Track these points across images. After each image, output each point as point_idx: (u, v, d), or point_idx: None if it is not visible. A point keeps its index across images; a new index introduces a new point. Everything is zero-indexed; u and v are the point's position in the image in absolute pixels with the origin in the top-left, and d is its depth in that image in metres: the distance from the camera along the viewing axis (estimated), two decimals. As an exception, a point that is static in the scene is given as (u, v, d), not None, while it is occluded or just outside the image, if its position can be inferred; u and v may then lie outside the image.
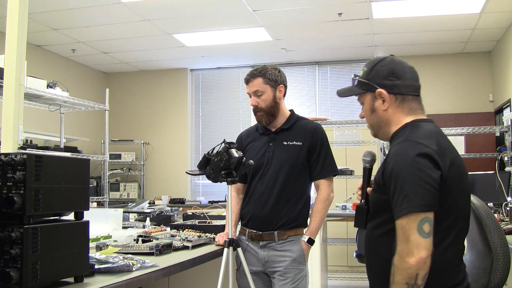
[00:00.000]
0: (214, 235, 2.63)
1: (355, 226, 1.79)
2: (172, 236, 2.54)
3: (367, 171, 1.80)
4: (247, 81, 2.61)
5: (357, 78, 1.72)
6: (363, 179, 1.80)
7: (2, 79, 2.62)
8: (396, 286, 1.43)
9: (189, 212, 3.58)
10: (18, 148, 2.54)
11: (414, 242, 1.39)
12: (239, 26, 6.01)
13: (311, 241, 2.55)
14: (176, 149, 7.93)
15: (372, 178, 1.78)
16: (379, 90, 1.63)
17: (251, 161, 2.42)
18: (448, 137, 5.62)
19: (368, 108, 1.69)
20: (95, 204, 5.12)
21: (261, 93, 2.56)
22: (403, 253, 1.41)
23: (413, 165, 1.45)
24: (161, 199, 7.04)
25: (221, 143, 2.38)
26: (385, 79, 1.63)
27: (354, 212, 5.53)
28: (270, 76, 2.57)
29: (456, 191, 1.50)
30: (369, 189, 1.77)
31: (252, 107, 2.62)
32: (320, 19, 5.74)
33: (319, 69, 7.61)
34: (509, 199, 4.08)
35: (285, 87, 2.65)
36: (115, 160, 7.43)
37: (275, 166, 2.54)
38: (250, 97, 2.61)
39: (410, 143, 1.51)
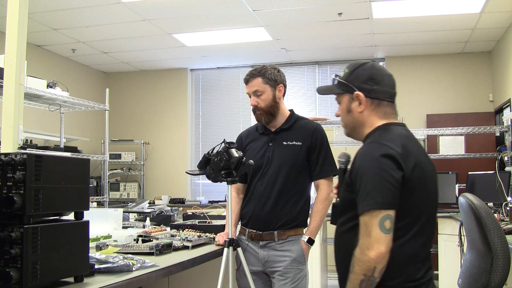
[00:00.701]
0: (214, 235, 2.63)
1: (331, 223, 1.88)
2: (172, 236, 2.54)
3: (342, 172, 1.89)
4: (247, 81, 2.61)
5: (337, 78, 1.82)
6: (338, 178, 1.89)
7: (2, 79, 2.62)
8: (354, 275, 1.53)
9: (189, 212, 3.58)
10: (18, 148, 2.54)
11: (375, 237, 1.49)
12: (239, 26, 6.01)
13: (311, 241, 2.55)
14: (176, 149, 7.93)
15: None
16: (357, 92, 1.72)
17: (251, 161, 2.42)
18: (448, 137, 5.61)
19: (344, 108, 1.78)
20: (95, 204, 5.12)
21: (260, 93, 2.56)
22: (364, 247, 1.51)
23: (376, 165, 1.54)
24: (161, 199, 7.04)
25: (221, 143, 2.39)
26: (364, 83, 1.73)
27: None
28: (270, 76, 2.58)
29: (418, 192, 1.59)
30: None
31: (251, 107, 2.62)
32: (320, 19, 5.73)
33: (319, 69, 7.61)
34: (509, 199, 4.09)
35: (285, 86, 2.66)
36: (115, 160, 7.43)
37: (275, 166, 2.55)
38: (250, 97, 2.62)
39: (376, 144, 1.61)
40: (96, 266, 1.75)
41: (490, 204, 4.32)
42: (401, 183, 1.53)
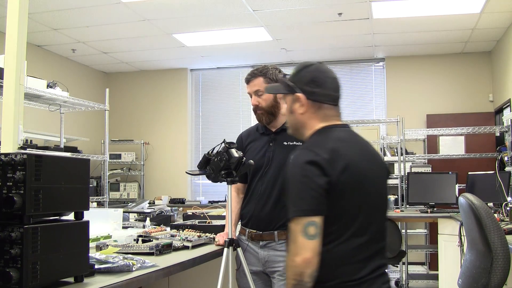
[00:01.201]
0: (214, 235, 2.63)
1: None
2: (172, 236, 2.54)
3: None
4: (248, 80, 2.61)
5: (285, 78, 1.84)
6: None
7: (2, 79, 2.62)
8: (287, 280, 1.58)
9: (189, 212, 3.57)
10: (18, 148, 2.54)
11: (300, 244, 1.52)
12: (239, 26, 6.01)
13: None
14: (176, 149, 7.93)
15: None
16: (298, 94, 1.74)
17: (251, 161, 2.42)
18: (448, 137, 5.60)
19: (288, 108, 1.80)
20: (95, 204, 5.12)
21: (262, 92, 2.57)
22: (291, 253, 1.55)
23: (300, 172, 1.57)
24: (161, 199, 7.04)
25: (221, 143, 2.39)
26: (306, 85, 1.73)
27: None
28: (271, 76, 2.58)
29: (350, 195, 1.60)
30: None
31: (252, 107, 2.62)
32: (320, 19, 5.73)
33: (319, 69, 7.60)
34: (509, 199, 4.09)
35: None
36: (115, 160, 7.43)
37: (275, 166, 2.54)
38: (251, 96, 2.62)
39: (304, 151, 1.63)
40: (96, 266, 1.75)
41: (490, 204, 4.32)
42: (326, 189, 1.55)
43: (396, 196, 5.53)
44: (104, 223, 3.10)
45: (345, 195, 1.59)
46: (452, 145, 5.97)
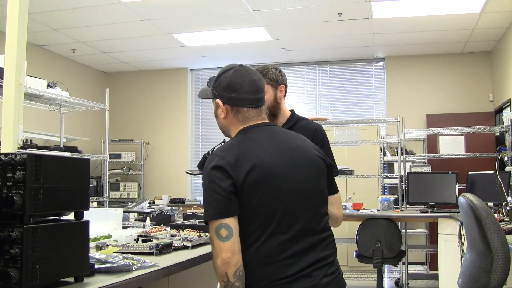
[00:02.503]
0: (214, 235, 2.63)
1: None
2: (172, 236, 2.54)
3: None
4: None
5: (211, 83, 1.90)
6: None
7: (2, 79, 2.62)
8: (218, 283, 1.62)
9: (189, 211, 3.57)
10: (18, 148, 2.54)
11: (216, 246, 1.59)
12: (239, 26, 6.01)
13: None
14: (176, 149, 7.93)
15: None
16: (217, 100, 1.81)
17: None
18: (448, 137, 5.60)
19: (214, 112, 1.86)
20: (95, 204, 5.12)
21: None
22: (213, 256, 1.61)
23: (207, 178, 1.63)
24: (161, 199, 7.04)
25: (221, 143, 2.38)
26: (224, 90, 1.78)
27: (354, 212, 5.55)
28: (271, 76, 2.57)
29: (260, 194, 1.61)
30: None
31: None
32: (320, 19, 5.74)
33: (319, 69, 7.61)
34: (509, 199, 4.09)
35: (286, 87, 2.65)
36: (115, 160, 7.43)
37: (275, 166, 2.54)
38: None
39: (213, 156, 1.67)
40: (96, 266, 1.75)
41: (490, 204, 4.32)
42: (231, 191, 1.58)
43: (396, 196, 5.53)
44: (104, 223, 3.10)
45: (255, 195, 1.60)
46: (452, 145, 5.97)
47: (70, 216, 1.63)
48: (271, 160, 1.65)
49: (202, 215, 1.63)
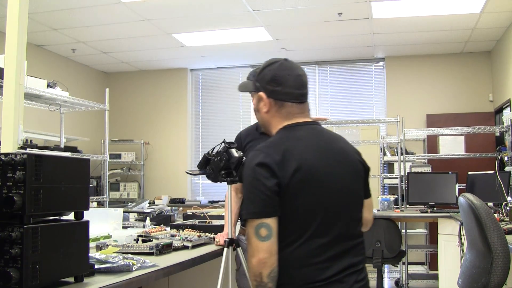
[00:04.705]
0: (214, 235, 2.63)
1: None
2: (172, 236, 2.54)
3: None
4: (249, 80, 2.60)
5: (252, 77, 1.85)
6: None
7: (2, 79, 2.62)
8: (250, 281, 1.60)
9: (189, 212, 3.58)
10: (18, 148, 2.54)
11: (254, 245, 1.55)
12: (239, 26, 6.01)
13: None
14: (176, 149, 7.93)
15: None
16: (260, 93, 1.74)
17: (251, 161, 2.41)
18: (448, 137, 5.59)
19: (254, 107, 1.81)
20: (95, 204, 5.11)
21: None
22: (249, 254, 1.58)
23: (251, 174, 1.58)
24: (161, 199, 7.04)
25: (221, 143, 2.38)
26: (268, 83, 1.73)
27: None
28: None
29: (303, 195, 1.58)
30: None
31: (253, 107, 2.60)
32: (320, 19, 5.74)
33: (319, 69, 7.61)
34: (509, 199, 4.08)
35: None
36: (115, 160, 7.43)
37: (275, 166, 2.54)
38: (252, 96, 2.61)
39: (257, 152, 1.62)
40: (96, 266, 1.75)
41: (490, 204, 4.32)
42: (276, 191, 1.54)
43: (396, 196, 5.53)
44: (104, 223, 3.10)
45: (299, 196, 1.57)
46: (452, 145, 5.97)
47: (70, 216, 1.63)
48: (316, 161, 1.62)
49: (243, 211, 1.62)
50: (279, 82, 1.71)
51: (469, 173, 4.99)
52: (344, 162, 1.70)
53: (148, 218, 3.55)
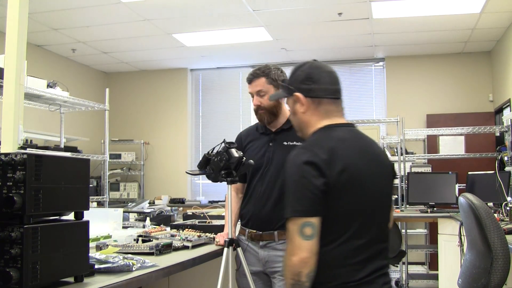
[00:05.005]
0: (214, 235, 2.63)
1: None
2: (172, 236, 2.54)
3: None
4: (250, 80, 2.60)
5: (283, 82, 1.85)
6: None
7: (2, 79, 2.63)
8: (286, 280, 1.58)
9: (189, 212, 3.58)
10: (18, 148, 2.54)
11: (296, 244, 1.53)
12: (239, 26, 6.01)
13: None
14: (176, 149, 7.93)
15: None
16: (297, 94, 1.73)
17: (251, 161, 2.42)
18: (448, 137, 5.58)
19: (291, 111, 1.80)
20: (95, 204, 5.12)
21: (264, 93, 2.56)
22: (288, 252, 1.56)
23: (297, 172, 1.57)
24: (161, 199, 7.04)
25: (221, 143, 2.39)
26: (302, 83, 1.74)
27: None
28: (273, 76, 2.57)
29: (348, 196, 1.59)
30: None
31: (254, 107, 2.61)
32: (320, 19, 5.73)
33: (319, 69, 7.60)
34: (509, 199, 4.08)
35: None
36: (115, 160, 7.43)
37: (275, 166, 2.54)
38: (252, 96, 2.61)
39: (303, 150, 1.62)
40: (96, 266, 1.75)
41: (490, 204, 4.32)
42: (322, 190, 1.54)
43: (396, 196, 5.53)
44: (104, 223, 3.11)
45: (343, 197, 1.58)
46: (452, 145, 5.97)
47: (70, 216, 1.63)
48: (359, 163, 1.63)
49: (286, 209, 1.58)
50: (314, 80, 1.72)
51: (469, 173, 4.99)
52: (380, 165, 1.73)
53: (148, 218, 3.55)
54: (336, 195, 1.56)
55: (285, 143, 2.58)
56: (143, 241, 2.43)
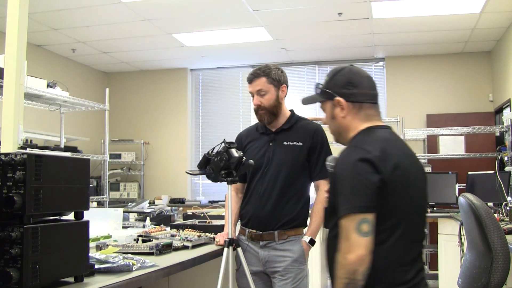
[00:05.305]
0: (214, 235, 2.63)
1: (324, 227, 1.89)
2: (172, 236, 2.54)
3: (331, 175, 1.88)
4: (250, 80, 2.60)
5: (319, 86, 1.83)
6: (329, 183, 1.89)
7: (2, 79, 2.63)
8: (338, 280, 1.55)
9: (189, 212, 3.58)
10: (18, 148, 2.54)
11: (353, 241, 1.51)
12: (239, 26, 6.01)
13: (312, 242, 2.56)
14: (176, 149, 7.93)
15: None
16: (338, 98, 1.74)
17: (251, 161, 2.42)
18: (448, 137, 5.60)
19: (329, 115, 1.80)
20: (95, 204, 5.12)
21: (264, 92, 2.56)
22: (344, 250, 1.53)
23: (353, 169, 1.57)
24: (161, 199, 7.04)
25: (221, 143, 2.39)
26: (343, 88, 1.74)
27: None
28: (274, 76, 2.58)
29: (399, 194, 1.59)
30: None
31: (254, 106, 2.61)
32: (320, 19, 5.73)
33: (319, 69, 7.61)
34: (509, 199, 4.09)
35: (287, 87, 2.66)
36: (115, 160, 7.43)
37: (275, 166, 2.54)
38: (253, 96, 2.61)
39: (355, 148, 1.63)
40: (96, 266, 1.75)
41: (490, 204, 4.32)
42: (379, 186, 1.54)
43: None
44: (104, 223, 3.10)
45: (395, 195, 1.57)
46: (452, 145, 5.97)
47: (70, 216, 1.63)
48: (406, 162, 1.64)
49: (343, 206, 1.56)
50: (355, 85, 1.74)
51: (469, 173, 4.99)
52: (419, 167, 1.75)
53: (148, 218, 3.55)
54: (388, 192, 1.56)
55: (285, 143, 2.58)
56: (143, 241, 2.43)
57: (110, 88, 5.63)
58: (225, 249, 2.31)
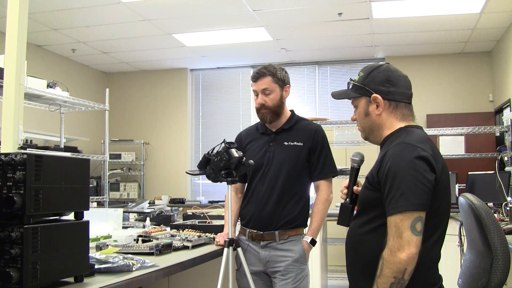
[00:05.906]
0: (214, 235, 2.63)
1: (338, 223, 1.86)
2: (172, 236, 2.54)
3: (355, 171, 1.88)
4: (256, 78, 2.59)
5: (352, 82, 1.79)
6: (350, 178, 1.88)
7: (2, 79, 2.62)
8: (383, 279, 1.50)
9: (189, 212, 3.58)
10: (18, 148, 2.54)
11: (406, 239, 1.47)
12: (239, 26, 6.01)
13: (313, 242, 2.56)
14: (176, 149, 7.93)
15: (359, 178, 1.89)
16: (375, 95, 1.71)
17: (251, 161, 2.42)
18: (448, 137, 5.60)
19: (362, 112, 1.77)
20: (95, 204, 5.12)
21: (269, 91, 2.56)
22: (395, 248, 1.49)
23: (411, 166, 1.52)
24: (161, 199, 7.03)
25: (221, 143, 2.39)
26: (381, 85, 1.71)
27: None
28: (279, 76, 2.59)
29: (443, 195, 1.60)
30: (355, 188, 1.87)
31: (256, 105, 2.61)
32: (320, 19, 5.73)
33: (319, 69, 7.61)
34: (509, 199, 4.08)
35: (289, 87, 2.67)
36: (115, 160, 7.43)
37: (275, 166, 2.54)
38: (256, 94, 2.61)
39: (408, 145, 1.58)
40: (96, 266, 1.75)
41: (490, 204, 4.32)
42: (433, 185, 1.53)
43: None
44: (104, 223, 3.11)
45: (440, 195, 1.57)
46: (452, 145, 5.97)
47: (70, 216, 1.63)
48: (446, 166, 1.65)
49: (398, 203, 1.51)
50: (393, 83, 1.71)
51: (469, 173, 4.99)
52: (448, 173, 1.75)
53: (148, 218, 3.55)
54: (436, 193, 1.55)
55: (285, 143, 2.58)
56: (143, 241, 2.43)
57: (110, 88, 5.63)
58: (225, 249, 2.31)
